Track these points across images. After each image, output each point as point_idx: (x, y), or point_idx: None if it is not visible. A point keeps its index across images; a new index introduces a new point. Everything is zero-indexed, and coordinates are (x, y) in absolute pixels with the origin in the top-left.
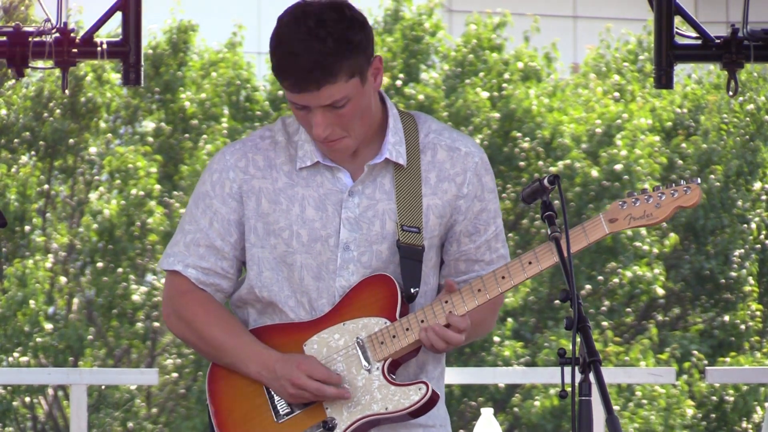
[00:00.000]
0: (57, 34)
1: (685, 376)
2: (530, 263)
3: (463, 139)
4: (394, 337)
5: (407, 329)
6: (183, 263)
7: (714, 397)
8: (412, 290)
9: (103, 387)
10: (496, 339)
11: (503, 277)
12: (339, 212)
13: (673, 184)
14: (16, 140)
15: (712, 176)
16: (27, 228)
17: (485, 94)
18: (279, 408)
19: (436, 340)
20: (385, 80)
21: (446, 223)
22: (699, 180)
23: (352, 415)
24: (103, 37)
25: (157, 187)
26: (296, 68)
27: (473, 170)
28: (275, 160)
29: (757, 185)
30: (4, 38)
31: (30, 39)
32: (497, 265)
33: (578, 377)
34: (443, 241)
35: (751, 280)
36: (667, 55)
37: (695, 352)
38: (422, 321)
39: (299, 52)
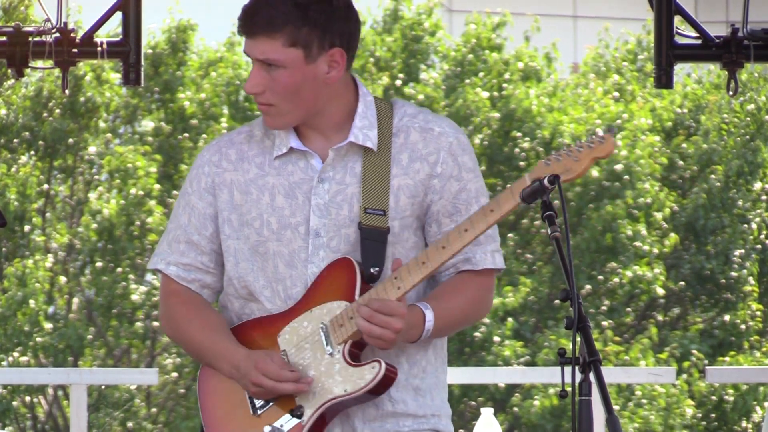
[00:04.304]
0: (57, 34)
1: (684, 376)
2: (466, 230)
3: (438, 120)
4: (351, 318)
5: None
6: (165, 261)
7: (714, 397)
8: (372, 270)
9: (103, 387)
10: (496, 339)
11: (443, 247)
12: (309, 199)
13: (592, 137)
14: (15, 140)
15: (713, 176)
16: (27, 228)
17: (485, 94)
18: (255, 401)
19: (366, 327)
20: (385, 80)
21: (421, 203)
22: (615, 130)
23: (317, 401)
24: (102, 36)
25: (157, 186)
26: (245, 11)
27: (447, 150)
28: (248, 153)
29: (758, 185)
30: (4, 38)
31: (30, 39)
32: (485, 246)
33: (578, 377)
34: (423, 222)
35: (751, 280)
36: (667, 54)
37: (695, 351)
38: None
39: None
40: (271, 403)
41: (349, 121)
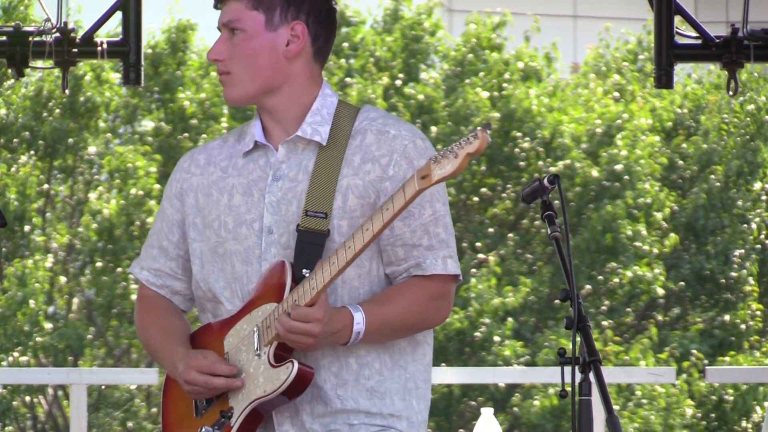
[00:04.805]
0: (57, 34)
1: (684, 376)
2: (367, 229)
3: (397, 125)
4: (276, 319)
5: (285, 310)
6: (139, 266)
7: (713, 397)
8: (304, 271)
9: (103, 387)
10: (496, 339)
11: (349, 247)
12: (264, 196)
13: (469, 135)
14: (15, 140)
15: (713, 176)
16: (27, 228)
17: (485, 94)
18: (198, 404)
19: (283, 333)
20: (385, 80)
21: (372, 205)
22: (491, 126)
23: (243, 402)
24: (102, 36)
25: (157, 186)
26: None
27: (401, 152)
28: (216, 157)
29: (758, 185)
30: (4, 38)
31: (30, 39)
32: (437, 251)
33: (578, 377)
34: None
35: (751, 280)
36: (667, 54)
37: (694, 351)
38: (295, 300)
39: None
40: (211, 405)
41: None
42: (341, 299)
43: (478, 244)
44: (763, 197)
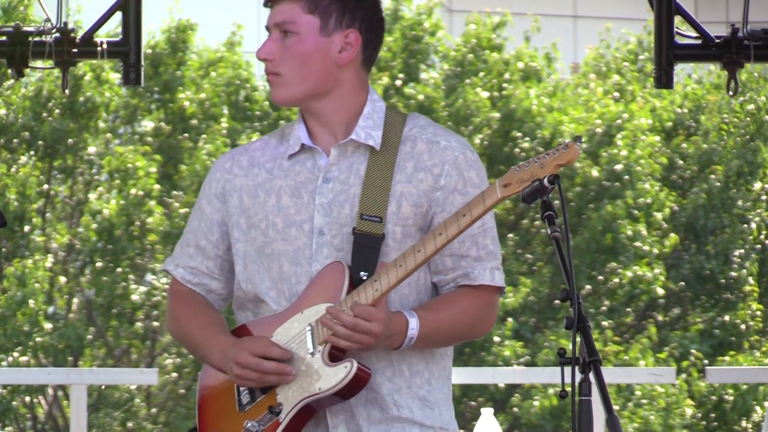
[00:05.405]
0: (57, 34)
1: (684, 376)
2: (440, 234)
3: (447, 135)
4: (333, 319)
5: (343, 311)
6: (174, 263)
7: (713, 397)
8: (361, 274)
9: (102, 387)
10: (496, 339)
11: (419, 251)
12: (314, 198)
13: (558, 145)
14: (15, 140)
15: (713, 176)
16: (27, 228)
17: (485, 94)
18: (242, 398)
19: (344, 330)
20: (385, 80)
21: (424, 215)
22: (582, 139)
23: (294, 398)
24: (102, 36)
25: (157, 186)
26: None
27: (452, 163)
28: (260, 159)
29: (758, 185)
30: (4, 38)
31: (30, 39)
32: (485, 262)
33: (578, 377)
34: (425, 232)
35: (751, 280)
36: (667, 54)
37: (694, 351)
38: (355, 300)
39: None
40: (256, 400)
41: (356, 120)
42: (393, 305)
43: None
44: (763, 197)
